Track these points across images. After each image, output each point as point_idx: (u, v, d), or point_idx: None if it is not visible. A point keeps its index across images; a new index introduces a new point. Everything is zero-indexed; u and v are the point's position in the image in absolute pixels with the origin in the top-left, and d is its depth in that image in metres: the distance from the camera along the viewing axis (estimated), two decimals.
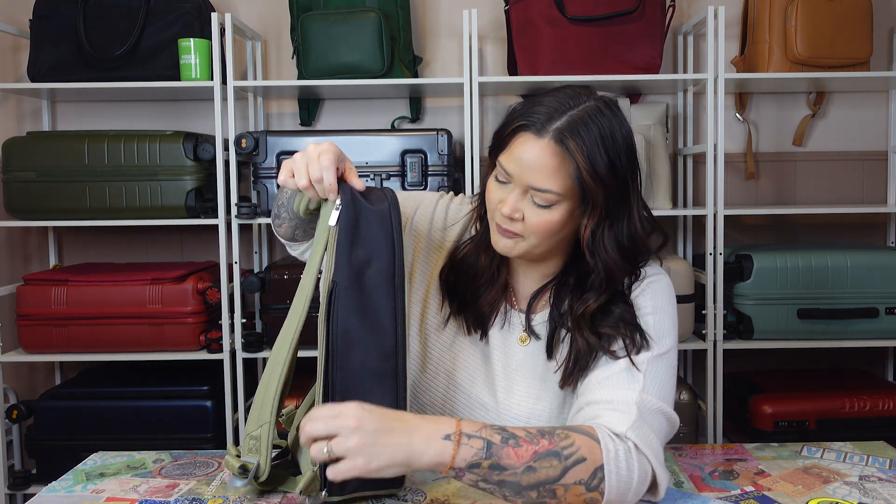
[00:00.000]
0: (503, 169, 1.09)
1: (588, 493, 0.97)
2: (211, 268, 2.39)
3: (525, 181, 1.07)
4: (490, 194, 1.13)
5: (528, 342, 1.20)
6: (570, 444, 0.98)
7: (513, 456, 0.96)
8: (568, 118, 1.05)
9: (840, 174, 2.59)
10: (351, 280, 1.03)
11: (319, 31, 2.24)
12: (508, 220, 1.10)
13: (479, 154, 2.23)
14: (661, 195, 2.28)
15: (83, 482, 1.16)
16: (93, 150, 2.23)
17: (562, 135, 1.04)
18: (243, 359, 2.25)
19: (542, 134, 1.05)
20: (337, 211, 1.05)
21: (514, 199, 1.08)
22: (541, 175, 1.05)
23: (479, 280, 1.20)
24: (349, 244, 1.04)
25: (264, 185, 2.24)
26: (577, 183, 1.05)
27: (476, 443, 0.96)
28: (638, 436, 1.01)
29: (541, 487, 0.96)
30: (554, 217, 1.08)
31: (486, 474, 0.96)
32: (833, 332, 2.23)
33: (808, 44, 2.21)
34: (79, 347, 2.22)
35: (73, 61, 2.27)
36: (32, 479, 2.30)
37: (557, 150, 1.04)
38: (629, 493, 0.99)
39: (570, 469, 0.97)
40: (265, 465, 1.05)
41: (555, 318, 1.17)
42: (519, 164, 1.07)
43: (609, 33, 2.20)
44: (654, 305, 1.13)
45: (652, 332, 1.11)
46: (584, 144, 1.04)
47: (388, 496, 1.09)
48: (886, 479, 1.14)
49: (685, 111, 2.54)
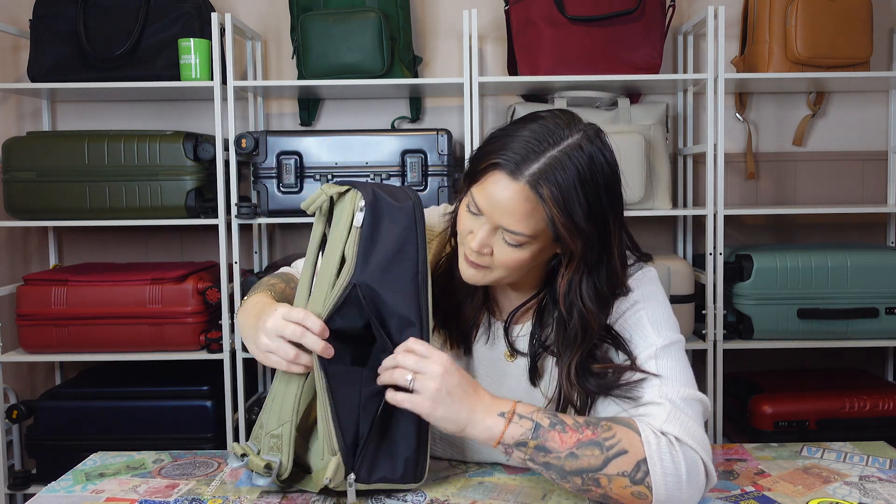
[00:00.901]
0: (474, 202, 1.04)
1: (634, 486, 0.98)
2: (211, 268, 2.39)
3: (496, 221, 1.02)
4: (461, 223, 1.09)
5: (515, 358, 1.19)
6: (612, 435, 1.00)
7: (557, 440, 1.00)
8: (546, 160, 0.99)
9: (840, 174, 2.59)
10: (376, 278, 1.03)
11: (319, 31, 2.24)
12: (476, 254, 1.06)
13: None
14: (661, 195, 2.28)
15: (83, 482, 1.16)
16: (93, 150, 2.23)
17: (537, 182, 0.98)
18: (243, 359, 2.25)
19: (517, 177, 0.99)
20: (361, 213, 1.05)
21: (484, 235, 1.04)
22: (512, 218, 1.01)
23: (458, 295, 1.18)
24: (373, 243, 1.05)
25: (264, 186, 2.24)
26: (552, 229, 1.01)
27: (525, 423, 1.01)
28: (676, 427, 1.01)
29: (584, 475, 0.99)
30: (524, 255, 1.04)
31: (533, 454, 1.01)
32: (833, 332, 2.23)
33: (808, 44, 2.21)
34: (79, 347, 2.22)
35: (73, 61, 2.27)
36: (32, 479, 2.30)
37: (531, 196, 0.99)
38: (681, 487, 0.98)
39: (611, 460, 0.99)
40: (287, 462, 1.05)
41: (536, 341, 1.15)
42: (490, 202, 1.01)
43: (609, 33, 2.20)
44: (644, 297, 1.11)
45: (650, 327, 1.09)
46: (560, 192, 0.98)
47: (401, 491, 1.09)
48: (886, 479, 1.14)
49: (685, 111, 2.54)
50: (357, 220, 1.05)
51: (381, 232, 1.05)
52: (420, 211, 1.08)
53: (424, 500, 1.08)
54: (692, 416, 1.03)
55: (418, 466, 1.07)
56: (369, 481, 1.04)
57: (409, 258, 1.05)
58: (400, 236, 1.05)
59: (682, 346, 1.11)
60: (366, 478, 1.04)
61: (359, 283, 1.03)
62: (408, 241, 1.06)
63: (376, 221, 1.05)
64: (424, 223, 1.08)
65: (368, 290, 1.03)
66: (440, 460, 1.23)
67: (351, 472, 1.03)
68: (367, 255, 1.04)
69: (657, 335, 1.09)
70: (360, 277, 1.03)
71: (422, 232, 1.07)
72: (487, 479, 1.16)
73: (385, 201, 1.07)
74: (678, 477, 0.98)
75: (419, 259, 1.06)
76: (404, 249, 1.05)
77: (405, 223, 1.06)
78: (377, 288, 1.03)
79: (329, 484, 1.02)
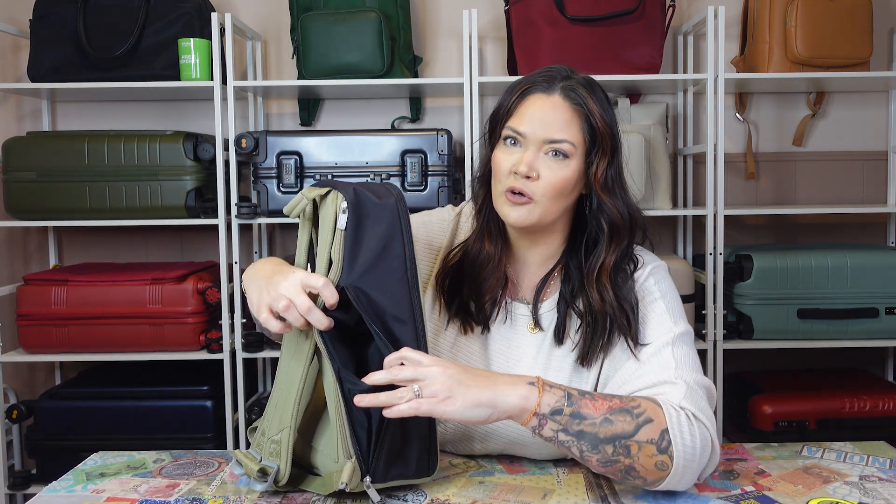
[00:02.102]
0: (515, 132, 1.13)
1: (659, 456, 1.01)
2: (211, 268, 2.39)
3: (540, 136, 1.12)
4: (499, 164, 1.15)
5: (536, 331, 1.22)
6: (638, 405, 1.04)
7: (591, 407, 1.02)
8: (569, 80, 1.15)
9: (840, 174, 2.59)
10: (364, 279, 1.02)
11: (319, 31, 2.24)
12: (524, 180, 1.12)
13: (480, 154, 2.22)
14: (661, 195, 2.28)
15: (83, 482, 1.16)
16: (93, 150, 2.23)
17: (569, 89, 1.13)
18: (243, 359, 2.25)
19: (551, 92, 1.13)
20: (345, 215, 1.03)
21: (530, 157, 1.12)
22: (555, 127, 1.12)
23: (483, 271, 1.20)
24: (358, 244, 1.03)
25: (264, 186, 2.24)
26: (588, 133, 1.13)
27: (557, 392, 1.03)
28: (692, 404, 1.06)
29: (616, 442, 1.01)
30: (567, 173, 1.12)
31: (567, 422, 1.01)
32: (833, 332, 2.23)
33: (808, 44, 2.21)
34: (79, 347, 2.22)
35: (73, 61, 2.27)
36: (32, 479, 2.30)
37: (567, 105, 1.13)
38: (695, 460, 1.03)
39: (641, 427, 1.01)
40: (285, 469, 1.04)
41: (565, 297, 1.19)
42: (532, 120, 1.12)
43: (609, 33, 2.20)
44: (662, 290, 1.18)
45: (668, 315, 1.15)
46: (591, 95, 1.14)
47: (401, 490, 1.09)
48: (886, 479, 1.14)
49: (685, 111, 2.54)
50: (341, 223, 1.03)
51: (366, 231, 1.03)
52: (403, 206, 1.06)
53: (425, 500, 1.07)
54: (704, 398, 1.09)
55: (430, 459, 1.06)
56: (385, 480, 1.03)
57: (396, 256, 1.04)
58: (385, 234, 1.04)
59: (693, 337, 1.17)
60: (381, 478, 1.02)
61: (346, 286, 1.02)
62: (393, 238, 1.04)
63: (359, 221, 1.03)
64: (409, 218, 1.06)
65: (357, 292, 1.02)
66: (443, 455, 1.23)
67: (367, 474, 1.01)
68: (353, 256, 1.02)
69: (674, 324, 1.14)
70: (348, 280, 1.02)
71: (406, 227, 1.05)
72: (488, 478, 1.16)
73: (367, 200, 1.05)
74: (694, 449, 1.02)
75: (406, 255, 1.04)
76: (390, 247, 1.04)
77: (389, 220, 1.04)
78: (366, 289, 1.02)
79: (345, 488, 1.00)
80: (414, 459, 1.05)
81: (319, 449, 1.09)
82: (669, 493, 1.09)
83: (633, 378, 1.12)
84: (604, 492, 1.10)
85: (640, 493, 1.09)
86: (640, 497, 1.08)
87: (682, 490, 1.07)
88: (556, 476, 1.16)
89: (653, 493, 1.09)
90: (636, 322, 1.14)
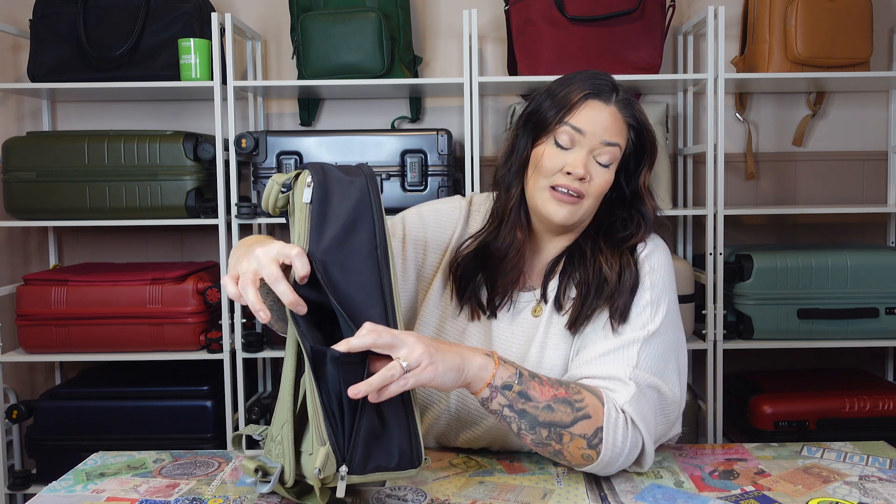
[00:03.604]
0: (574, 129, 1.19)
1: (587, 450, 1.08)
2: (211, 268, 2.39)
3: (599, 138, 1.19)
4: (549, 161, 1.20)
5: (541, 312, 1.25)
6: (581, 399, 1.09)
7: (537, 390, 1.08)
8: (623, 93, 1.23)
9: (840, 174, 2.59)
10: (330, 255, 0.99)
11: (319, 31, 2.24)
12: (577, 181, 1.18)
13: (480, 154, 2.23)
14: (661, 195, 2.28)
15: (83, 482, 1.16)
16: (93, 150, 2.23)
17: (624, 104, 1.22)
18: (243, 359, 2.25)
19: (608, 102, 1.21)
20: (309, 188, 1.01)
21: (584, 158, 1.19)
22: (610, 132, 1.20)
23: (506, 262, 1.24)
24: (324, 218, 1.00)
25: (264, 186, 2.24)
26: (632, 142, 1.23)
27: (510, 368, 1.08)
28: (635, 410, 1.10)
29: (552, 428, 1.07)
30: (609, 176, 1.21)
31: (514, 399, 1.07)
32: (833, 332, 2.23)
33: (807, 44, 2.21)
34: (79, 347, 2.22)
35: (73, 61, 2.27)
36: (32, 479, 2.30)
37: (620, 116, 1.21)
38: (619, 459, 1.10)
39: (578, 421, 1.08)
40: (290, 469, 0.99)
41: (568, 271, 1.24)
42: (593, 123, 1.19)
43: (609, 33, 2.20)
44: (653, 280, 1.21)
45: (648, 309, 1.18)
46: (640, 111, 1.24)
47: (401, 490, 1.09)
48: (886, 479, 1.14)
49: (685, 111, 2.54)
50: (306, 196, 1.01)
51: (332, 207, 1.01)
52: (374, 184, 1.04)
53: (425, 500, 1.07)
54: (650, 404, 1.13)
55: (413, 451, 0.99)
56: (364, 472, 0.95)
57: (366, 231, 1.01)
58: (353, 210, 1.01)
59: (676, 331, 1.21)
60: (360, 468, 0.95)
61: (313, 260, 0.98)
62: (362, 214, 1.02)
63: (325, 197, 1.01)
64: (380, 197, 1.04)
65: (322, 266, 0.98)
66: (441, 453, 1.23)
67: (343, 463, 0.94)
68: (319, 230, 1.00)
69: (652, 318, 1.18)
70: (314, 254, 0.99)
71: (377, 206, 1.03)
72: (487, 478, 1.16)
73: (334, 176, 1.03)
74: (622, 451, 1.09)
75: (376, 232, 1.02)
76: (359, 223, 1.01)
77: (357, 196, 1.02)
78: (329, 264, 0.99)
79: (319, 475, 0.93)
80: (395, 450, 0.97)
81: (303, 449, 1.02)
82: (669, 493, 1.09)
83: (594, 361, 1.15)
84: (603, 492, 1.10)
85: (640, 492, 1.10)
86: (639, 497, 1.08)
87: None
88: (556, 476, 1.16)
89: (652, 493, 1.09)
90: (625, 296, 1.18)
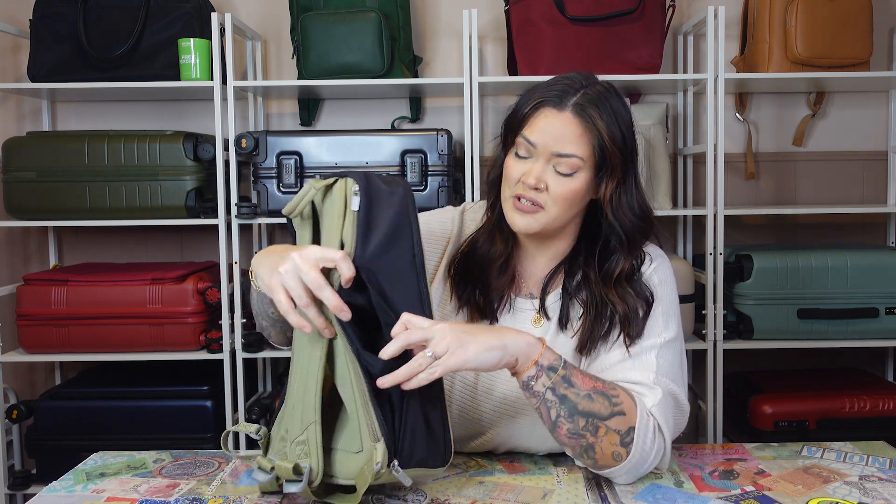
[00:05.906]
0: (527, 141, 1.16)
1: (619, 447, 1.08)
2: (211, 268, 2.39)
3: (550, 149, 1.14)
4: (510, 171, 1.18)
5: (542, 323, 1.24)
6: (617, 395, 1.09)
7: (580, 379, 1.08)
8: (582, 94, 1.15)
9: (840, 174, 2.59)
10: (376, 263, 1.02)
11: (319, 31, 2.24)
12: (532, 191, 1.15)
13: (480, 154, 2.23)
14: (661, 195, 2.28)
15: (83, 482, 1.16)
16: (93, 150, 2.23)
17: (580, 107, 1.14)
18: (243, 359, 2.25)
19: (562, 108, 1.15)
20: (357, 197, 1.03)
21: (539, 169, 1.15)
22: (564, 142, 1.14)
23: (493, 267, 1.24)
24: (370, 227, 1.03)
25: (264, 185, 2.24)
26: (598, 150, 1.14)
27: (555, 353, 1.08)
28: (660, 414, 1.11)
29: (590, 418, 1.07)
30: (575, 185, 1.15)
31: (557, 383, 1.06)
32: (833, 332, 2.23)
33: (808, 44, 2.21)
34: (79, 347, 2.22)
35: (73, 61, 2.27)
36: (32, 479, 2.30)
37: (577, 121, 1.14)
38: (644, 464, 1.10)
39: (614, 416, 1.07)
40: (318, 468, 1.02)
41: (568, 289, 1.23)
42: (543, 133, 1.14)
43: (609, 33, 2.20)
44: (661, 294, 1.21)
45: (661, 319, 1.19)
46: (601, 114, 1.14)
47: (401, 490, 1.09)
48: (886, 479, 1.14)
49: (685, 111, 2.54)
50: (354, 205, 1.03)
51: (377, 216, 1.04)
52: (411, 196, 1.07)
53: (425, 500, 1.07)
54: (670, 410, 1.14)
55: (446, 445, 1.05)
56: (409, 466, 1.00)
57: (406, 240, 1.04)
58: (395, 220, 1.04)
59: (681, 340, 1.22)
60: (407, 462, 1.00)
61: (360, 266, 1.01)
62: (403, 224, 1.05)
63: (371, 205, 1.04)
64: (416, 208, 1.07)
65: (368, 273, 1.01)
66: None
67: (395, 457, 0.99)
68: (365, 237, 1.02)
69: (665, 327, 1.18)
70: (361, 261, 1.01)
71: (415, 216, 1.06)
72: (487, 478, 1.16)
73: (377, 186, 1.05)
74: (648, 455, 1.09)
75: (415, 242, 1.05)
76: (401, 232, 1.04)
77: (398, 207, 1.05)
78: (376, 271, 1.02)
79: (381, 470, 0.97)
80: (433, 445, 1.03)
81: (339, 447, 1.05)
82: (669, 493, 1.09)
83: (615, 368, 1.16)
84: (603, 492, 1.10)
85: (640, 492, 1.10)
86: (639, 496, 1.08)
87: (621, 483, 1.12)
88: (556, 476, 1.16)
89: (652, 493, 1.09)
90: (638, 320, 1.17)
